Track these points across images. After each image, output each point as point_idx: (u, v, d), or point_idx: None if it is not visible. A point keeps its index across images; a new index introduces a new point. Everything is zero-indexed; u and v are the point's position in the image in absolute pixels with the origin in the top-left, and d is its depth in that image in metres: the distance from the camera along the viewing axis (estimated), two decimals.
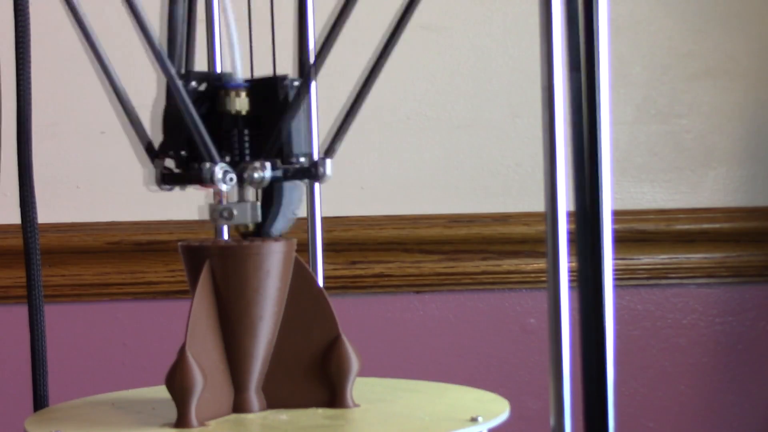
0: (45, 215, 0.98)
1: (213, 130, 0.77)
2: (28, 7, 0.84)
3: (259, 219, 0.79)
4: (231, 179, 0.77)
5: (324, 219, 0.93)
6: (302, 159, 0.80)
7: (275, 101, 0.78)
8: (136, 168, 0.80)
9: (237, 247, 0.77)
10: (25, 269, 0.88)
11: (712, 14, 1.49)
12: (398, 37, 0.77)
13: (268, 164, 0.78)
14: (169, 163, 0.79)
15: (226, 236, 0.92)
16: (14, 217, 0.90)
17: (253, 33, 0.82)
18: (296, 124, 0.78)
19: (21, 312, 0.91)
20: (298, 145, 0.79)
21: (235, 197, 0.79)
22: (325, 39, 0.76)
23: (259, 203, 0.80)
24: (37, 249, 0.88)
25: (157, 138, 0.79)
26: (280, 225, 0.80)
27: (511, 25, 1.48)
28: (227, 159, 0.78)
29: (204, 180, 0.76)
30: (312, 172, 0.79)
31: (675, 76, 1.49)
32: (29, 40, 0.85)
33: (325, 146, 0.80)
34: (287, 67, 0.82)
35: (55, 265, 1.45)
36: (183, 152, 0.78)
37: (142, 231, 1.46)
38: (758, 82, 1.49)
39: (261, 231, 0.80)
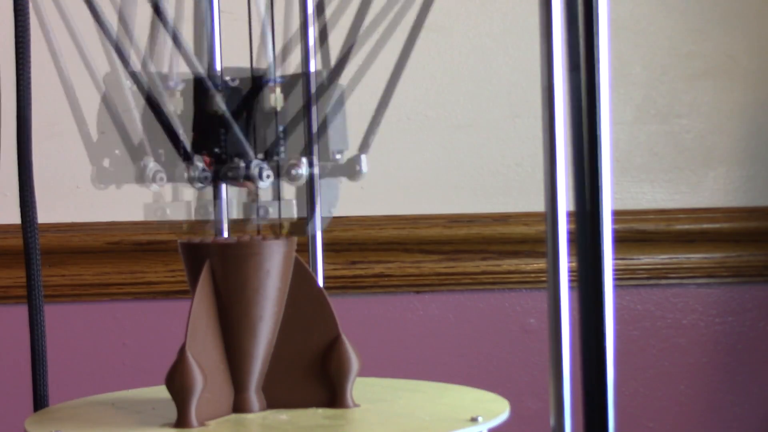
0: (45, 215, 0.98)
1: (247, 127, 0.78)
2: (28, 7, 0.84)
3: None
4: (268, 176, 0.77)
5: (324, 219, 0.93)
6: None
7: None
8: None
9: (237, 248, 0.77)
10: (25, 269, 0.88)
11: (712, 14, 1.49)
12: (419, 29, 0.77)
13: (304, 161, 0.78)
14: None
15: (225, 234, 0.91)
16: (14, 217, 0.90)
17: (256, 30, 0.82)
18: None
19: (21, 312, 0.91)
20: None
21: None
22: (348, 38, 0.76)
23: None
24: (37, 249, 0.88)
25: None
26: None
27: (511, 25, 1.48)
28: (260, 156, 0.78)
29: (250, 177, 0.77)
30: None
31: (675, 76, 1.49)
32: (29, 40, 0.85)
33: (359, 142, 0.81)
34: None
35: (55, 265, 1.45)
36: (216, 150, 0.78)
37: (142, 231, 1.46)
38: (758, 82, 1.49)
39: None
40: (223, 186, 0.82)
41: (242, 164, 0.77)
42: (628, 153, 1.49)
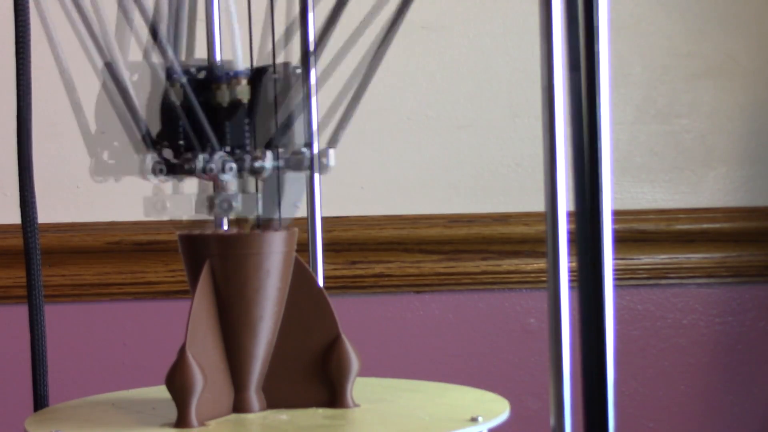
0: (45, 215, 0.98)
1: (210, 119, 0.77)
2: (28, 7, 0.84)
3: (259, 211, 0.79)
4: (231, 168, 0.77)
5: (324, 219, 0.93)
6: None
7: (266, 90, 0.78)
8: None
9: (237, 247, 0.77)
10: (25, 269, 0.88)
11: (712, 14, 1.49)
12: (400, 22, 0.77)
13: (269, 153, 0.77)
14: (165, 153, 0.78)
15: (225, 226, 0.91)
16: (14, 217, 0.90)
17: (252, 21, 0.82)
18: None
19: (21, 312, 0.91)
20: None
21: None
22: (323, 28, 0.76)
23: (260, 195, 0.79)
24: (37, 249, 0.88)
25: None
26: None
27: (511, 25, 1.48)
28: (226, 149, 0.77)
29: (205, 170, 0.76)
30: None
31: (675, 76, 1.49)
32: (29, 40, 0.85)
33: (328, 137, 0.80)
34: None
35: (55, 265, 1.45)
36: (180, 142, 0.77)
37: (142, 231, 1.46)
38: (758, 82, 1.49)
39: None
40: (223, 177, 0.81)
41: (204, 157, 0.76)
42: (628, 153, 1.49)
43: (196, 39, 0.81)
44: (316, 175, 0.92)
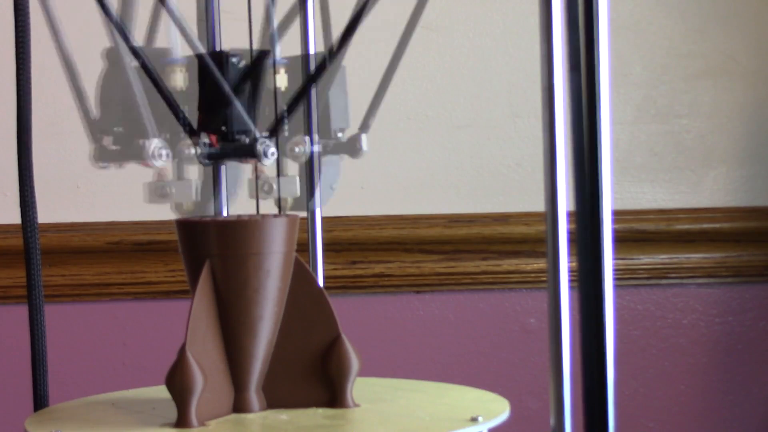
0: (45, 215, 0.98)
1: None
2: (28, 7, 0.84)
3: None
4: (273, 154, 0.77)
5: (324, 219, 0.93)
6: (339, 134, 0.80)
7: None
8: (136, 167, 0.80)
9: (237, 248, 0.77)
10: (25, 269, 0.88)
11: (712, 14, 1.49)
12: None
13: (307, 138, 0.78)
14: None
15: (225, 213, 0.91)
16: (14, 217, 0.90)
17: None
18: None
19: (21, 312, 0.91)
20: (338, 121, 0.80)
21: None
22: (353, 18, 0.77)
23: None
24: (37, 249, 0.88)
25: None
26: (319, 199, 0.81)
27: (511, 25, 1.48)
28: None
29: (255, 155, 0.76)
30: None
31: (675, 76, 1.49)
32: (29, 40, 0.85)
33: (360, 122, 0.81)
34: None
35: (55, 265, 1.45)
36: (222, 128, 0.77)
37: (142, 231, 1.46)
38: (758, 82, 1.49)
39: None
40: (222, 167, 0.81)
41: (247, 142, 0.77)
42: (628, 153, 1.49)
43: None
44: (317, 176, 0.92)
